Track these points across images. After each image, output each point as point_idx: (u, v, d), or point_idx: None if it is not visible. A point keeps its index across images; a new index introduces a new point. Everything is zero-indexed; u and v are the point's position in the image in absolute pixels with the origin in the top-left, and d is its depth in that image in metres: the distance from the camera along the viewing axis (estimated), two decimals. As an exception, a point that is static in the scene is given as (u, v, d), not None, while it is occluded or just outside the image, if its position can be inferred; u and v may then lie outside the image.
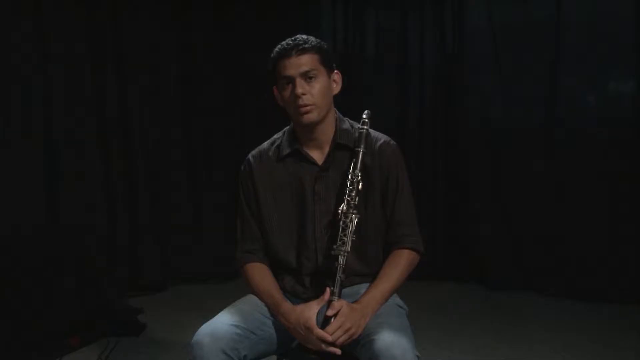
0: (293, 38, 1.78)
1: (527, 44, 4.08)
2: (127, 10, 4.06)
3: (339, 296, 1.66)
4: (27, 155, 3.55)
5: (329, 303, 1.66)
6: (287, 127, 1.92)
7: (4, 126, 3.47)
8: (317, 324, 1.66)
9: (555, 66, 3.98)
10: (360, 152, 1.76)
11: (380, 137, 1.86)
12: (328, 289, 1.69)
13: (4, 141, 3.46)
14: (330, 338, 1.61)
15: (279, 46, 1.78)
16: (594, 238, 3.87)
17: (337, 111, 1.88)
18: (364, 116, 1.82)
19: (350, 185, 1.74)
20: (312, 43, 1.76)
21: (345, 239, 1.70)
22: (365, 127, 1.80)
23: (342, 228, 1.71)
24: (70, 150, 3.77)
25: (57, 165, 3.72)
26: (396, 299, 1.84)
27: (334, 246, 1.70)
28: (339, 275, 1.67)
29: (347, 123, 1.88)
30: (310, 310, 1.67)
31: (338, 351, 1.62)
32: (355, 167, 1.75)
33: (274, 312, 1.75)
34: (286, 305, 1.73)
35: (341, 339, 1.61)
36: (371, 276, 1.80)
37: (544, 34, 4.01)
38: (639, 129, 3.77)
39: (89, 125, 3.91)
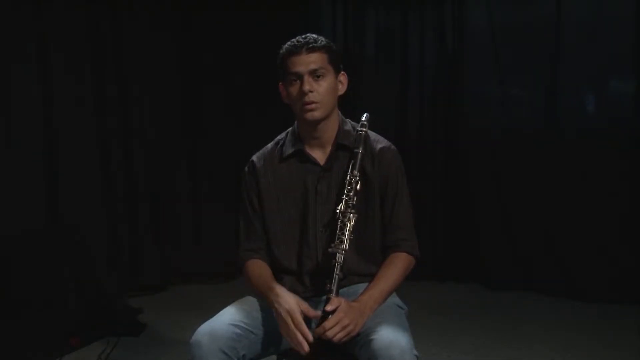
0: (304, 36, 1.79)
1: (527, 44, 4.08)
2: (127, 11, 4.06)
3: (337, 294, 1.67)
4: (27, 155, 3.55)
5: (327, 299, 1.66)
6: (290, 128, 1.93)
7: (4, 126, 3.47)
8: (314, 323, 1.65)
9: (555, 66, 3.98)
10: (359, 154, 1.78)
11: (381, 141, 1.88)
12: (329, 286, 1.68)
13: (4, 141, 3.46)
14: (308, 337, 1.58)
15: (289, 43, 1.80)
16: (594, 238, 3.86)
17: (340, 112, 1.90)
18: (363, 119, 1.84)
19: (348, 185, 1.75)
20: (323, 42, 1.79)
21: (343, 237, 1.71)
22: (364, 129, 1.82)
23: (340, 227, 1.72)
24: (71, 151, 3.77)
25: (57, 165, 3.72)
26: (395, 298, 1.85)
27: (332, 244, 1.71)
28: (337, 273, 1.68)
29: (349, 124, 1.90)
30: (300, 302, 1.65)
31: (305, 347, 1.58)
32: (353, 168, 1.77)
33: (268, 295, 1.70)
34: (280, 289, 1.70)
35: (339, 336, 1.60)
36: (370, 276, 1.81)
37: (544, 34, 4.00)
38: (639, 129, 3.77)
39: (89, 125, 3.91)
